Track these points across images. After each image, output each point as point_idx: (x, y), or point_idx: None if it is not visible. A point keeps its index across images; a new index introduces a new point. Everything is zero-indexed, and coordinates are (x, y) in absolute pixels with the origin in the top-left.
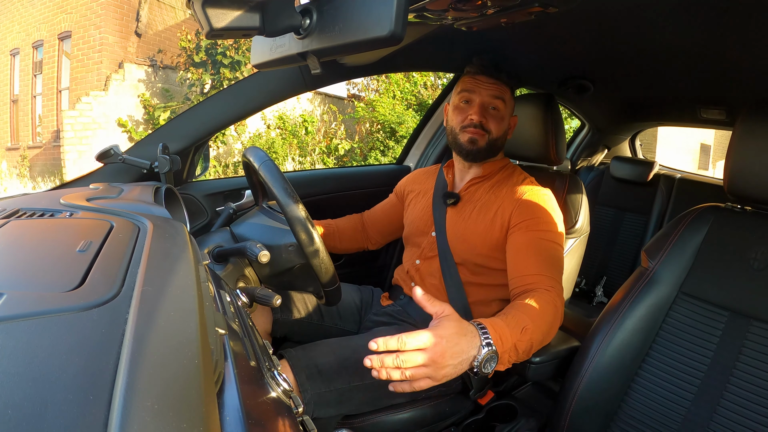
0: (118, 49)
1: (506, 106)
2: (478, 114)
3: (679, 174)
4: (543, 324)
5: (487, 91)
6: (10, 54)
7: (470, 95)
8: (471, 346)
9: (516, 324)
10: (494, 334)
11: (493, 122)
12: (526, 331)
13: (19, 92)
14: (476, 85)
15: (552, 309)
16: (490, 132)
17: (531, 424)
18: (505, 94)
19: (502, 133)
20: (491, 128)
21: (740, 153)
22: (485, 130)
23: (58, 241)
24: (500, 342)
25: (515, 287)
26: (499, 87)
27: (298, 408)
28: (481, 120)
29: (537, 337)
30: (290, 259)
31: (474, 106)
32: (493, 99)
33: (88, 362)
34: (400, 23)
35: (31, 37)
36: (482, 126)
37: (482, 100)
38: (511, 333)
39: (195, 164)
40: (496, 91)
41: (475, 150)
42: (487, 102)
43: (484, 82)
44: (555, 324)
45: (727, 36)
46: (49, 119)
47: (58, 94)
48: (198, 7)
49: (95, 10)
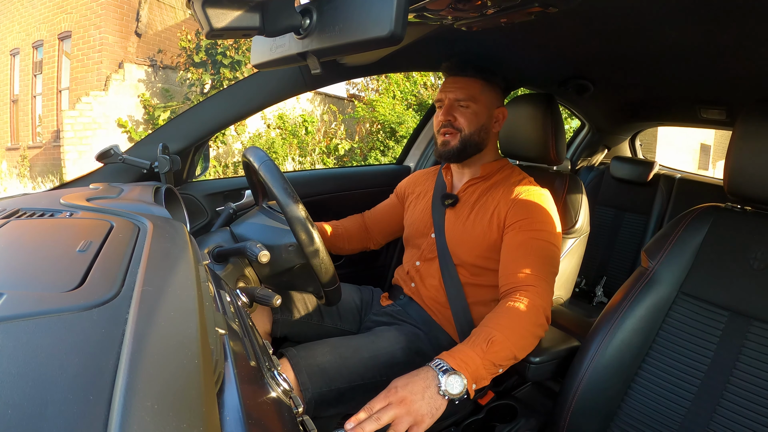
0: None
1: (479, 101)
2: (445, 114)
3: (679, 174)
4: (518, 328)
5: (452, 93)
6: (10, 54)
7: (441, 101)
8: (428, 379)
9: (481, 341)
10: (452, 361)
11: (463, 119)
12: (494, 342)
13: (19, 92)
14: (444, 89)
15: (528, 311)
16: (461, 130)
17: (531, 424)
18: (473, 90)
19: (477, 128)
20: (461, 125)
21: (740, 153)
22: (455, 128)
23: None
24: (463, 364)
25: (501, 285)
26: (466, 83)
27: (298, 408)
28: (449, 119)
29: (514, 341)
30: (290, 259)
31: (443, 108)
32: (459, 100)
33: (88, 362)
34: (400, 23)
35: (31, 37)
36: (452, 125)
37: (449, 102)
38: (474, 351)
39: (195, 164)
40: (461, 91)
41: (448, 150)
42: (454, 102)
43: (451, 84)
44: (536, 324)
45: (727, 36)
46: (49, 119)
47: (58, 94)
48: (198, 7)
49: (95, 10)
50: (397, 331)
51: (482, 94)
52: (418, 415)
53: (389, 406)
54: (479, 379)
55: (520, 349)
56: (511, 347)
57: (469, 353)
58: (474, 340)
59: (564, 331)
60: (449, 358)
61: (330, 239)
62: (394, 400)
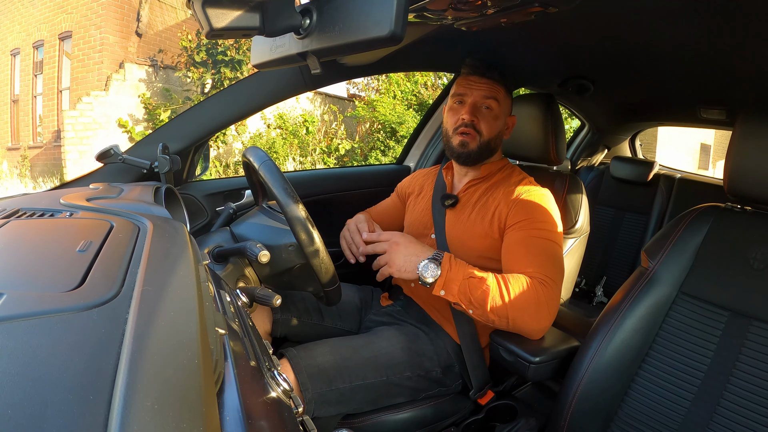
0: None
1: (500, 106)
2: (469, 113)
3: (679, 174)
4: (508, 292)
5: (479, 91)
6: (10, 54)
7: (462, 96)
8: (420, 253)
9: (477, 270)
10: (445, 259)
11: (485, 123)
12: (482, 280)
13: (19, 92)
14: (468, 85)
15: (528, 291)
16: (481, 133)
17: (531, 424)
18: (498, 93)
19: (495, 134)
20: (482, 129)
21: (740, 153)
22: (476, 131)
23: (58, 241)
24: (448, 267)
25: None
26: (491, 86)
27: (298, 408)
28: (472, 120)
29: (495, 294)
30: (290, 259)
31: (466, 106)
32: (485, 98)
33: (88, 362)
34: (400, 23)
35: (31, 37)
36: (473, 126)
37: (474, 100)
38: (463, 269)
39: (195, 164)
40: (488, 90)
41: (466, 153)
42: (479, 102)
43: (476, 82)
44: (528, 303)
45: (727, 36)
46: (49, 119)
47: (58, 94)
48: (198, 7)
49: (96, 10)
50: (397, 331)
51: (504, 99)
52: (392, 263)
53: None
54: (448, 291)
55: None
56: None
57: (460, 267)
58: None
59: (564, 331)
60: (446, 259)
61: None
62: (391, 242)
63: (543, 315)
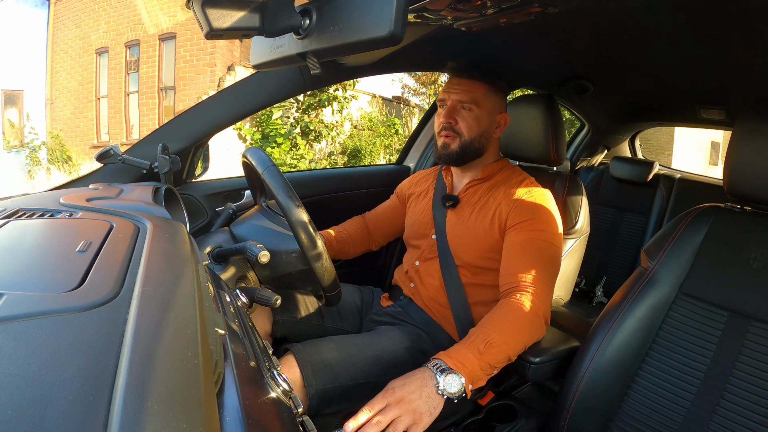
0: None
1: (482, 105)
2: (446, 116)
3: (679, 174)
4: (515, 330)
5: (456, 94)
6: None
7: (443, 100)
8: (425, 378)
9: (479, 342)
10: (449, 361)
11: (464, 123)
12: (491, 345)
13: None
14: (447, 88)
15: (526, 312)
16: (461, 134)
17: (531, 424)
18: (477, 93)
19: (477, 134)
20: (462, 130)
21: (740, 153)
22: (456, 132)
23: (58, 241)
24: (460, 365)
25: (502, 285)
26: (471, 86)
27: (298, 408)
28: (449, 122)
29: (511, 344)
30: (292, 264)
31: (446, 109)
32: (464, 99)
33: (88, 362)
34: (399, 23)
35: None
36: (452, 128)
37: (452, 103)
38: (472, 352)
39: (195, 164)
40: (466, 92)
41: (447, 154)
42: (457, 103)
43: (455, 85)
44: (533, 325)
45: (727, 36)
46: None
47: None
48: (197, 7)
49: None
50: (400, 331)
51: (486, 98)
52: (417, 414)
53: (388, 407)
54: (476, 380)
55: (515, 351)
56: (508, 350)
57: (467, 354)
58: (472, 341)
59: (564, 332)
60: (447, 358)
61: (336, 246)
62: (392, 401)
63: (541, 324)
